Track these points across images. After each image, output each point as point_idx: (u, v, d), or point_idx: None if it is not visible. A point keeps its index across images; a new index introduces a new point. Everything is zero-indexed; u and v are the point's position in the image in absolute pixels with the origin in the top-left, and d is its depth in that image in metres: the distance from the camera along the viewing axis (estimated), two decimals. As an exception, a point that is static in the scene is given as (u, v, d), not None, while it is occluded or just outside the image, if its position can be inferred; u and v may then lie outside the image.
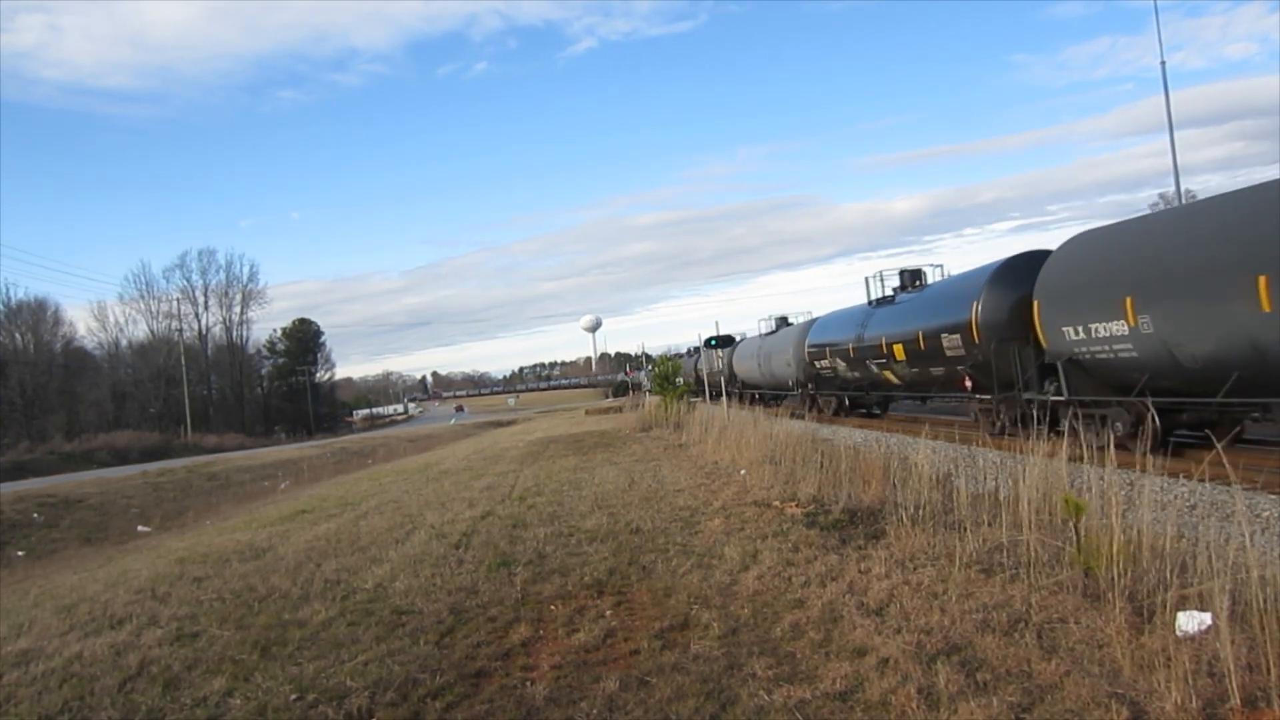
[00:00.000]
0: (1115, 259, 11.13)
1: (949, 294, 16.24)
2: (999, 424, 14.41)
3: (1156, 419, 10.48)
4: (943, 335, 15.55)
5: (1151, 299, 10.07)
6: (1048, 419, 10.02)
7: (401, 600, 6.38)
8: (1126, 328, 10.42)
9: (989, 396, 14.48)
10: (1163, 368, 10.19)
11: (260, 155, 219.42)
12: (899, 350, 17.73)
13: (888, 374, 18.95)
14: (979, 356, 14.27)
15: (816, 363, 24.31)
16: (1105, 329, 10.90)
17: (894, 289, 19.73)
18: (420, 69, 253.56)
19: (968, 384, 15.09)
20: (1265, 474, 8.33)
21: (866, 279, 21.02)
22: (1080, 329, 11.45)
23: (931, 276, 19.10)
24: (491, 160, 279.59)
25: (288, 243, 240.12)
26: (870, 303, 20.84)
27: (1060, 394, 12.13)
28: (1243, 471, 5.80)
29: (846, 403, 23.92)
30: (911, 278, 19.31)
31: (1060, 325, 11.89)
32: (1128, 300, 10.35)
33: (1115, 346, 10.84)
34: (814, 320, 26.31)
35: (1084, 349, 11.49)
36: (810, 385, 25.92)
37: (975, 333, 14.25)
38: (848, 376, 22.06)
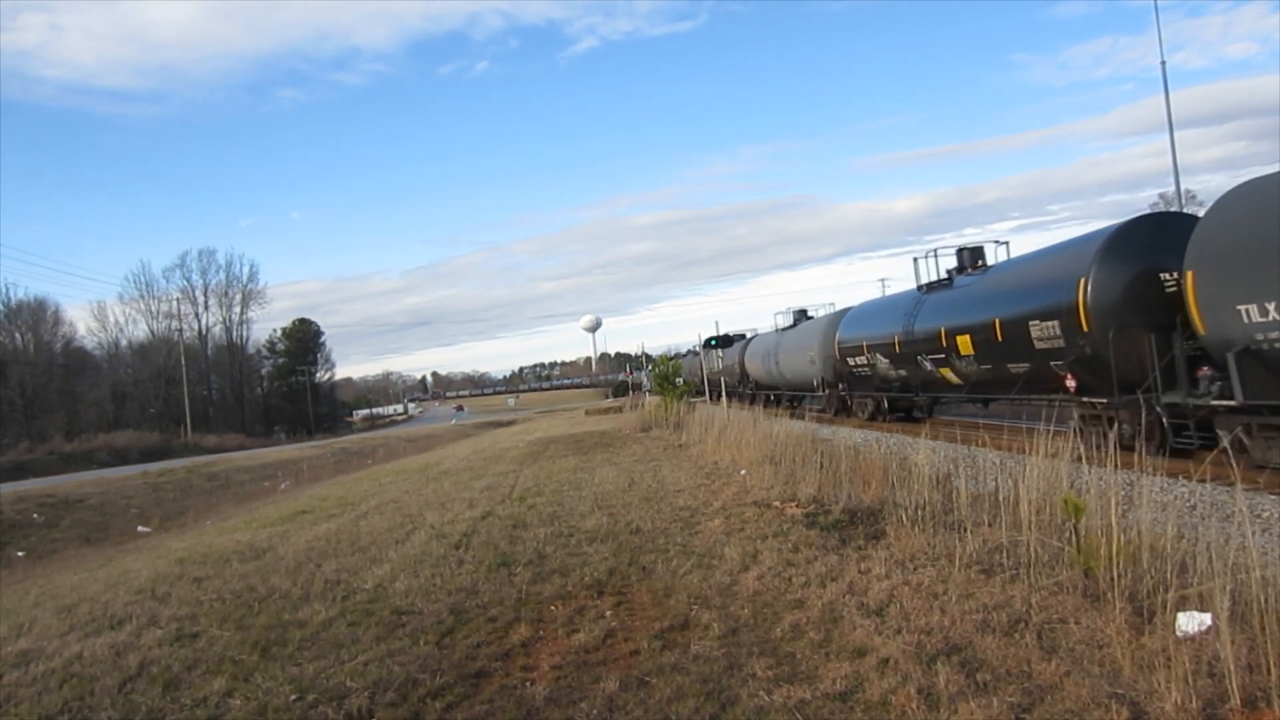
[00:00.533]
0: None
1: (1036, 272, 13.37)
2: (1119, 435, 9.99)
3: None
4: (1031, 322, 12.72)
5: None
6: (1195, 430, 8.48)
7: (401, 600, 6.38)
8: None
9: (1104, 400, 11.66)
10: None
11: (261, 155, 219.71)
12: (964, 343, 15.07)
13: (945, 371, 16.32)
14: (1086, 349, 11.54)
15: (850, 359, 21.64)
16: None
17: (949, 271, 17.28)
18: (422, 68, 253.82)
19: (1071, 383, 12.28)
20: (1268, 474, 8.33)
21: (915, 260, 18.35)
22: (1264, 308, 8.58)
23: (993, 256, 16.60)
24: (492, 160, 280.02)
25: (288, 243, 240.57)
26: (920, 288, 18.12)
27: (1228, 396, 9.28)
28: (1244, 471, 5.77)
29: (885, 405, 21.07)
30: (972, 257, 16.82)
31: (1234, 304, 8.98)
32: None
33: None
34: (845, 311, 23.75)
35: (1268, 335, 8.63)
36: (841, 385, 23.41)
37: (1083, 318, 11.39)
38: (890, 375, 19.49)
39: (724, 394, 27.36)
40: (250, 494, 27.51)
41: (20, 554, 18.48)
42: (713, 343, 29.93)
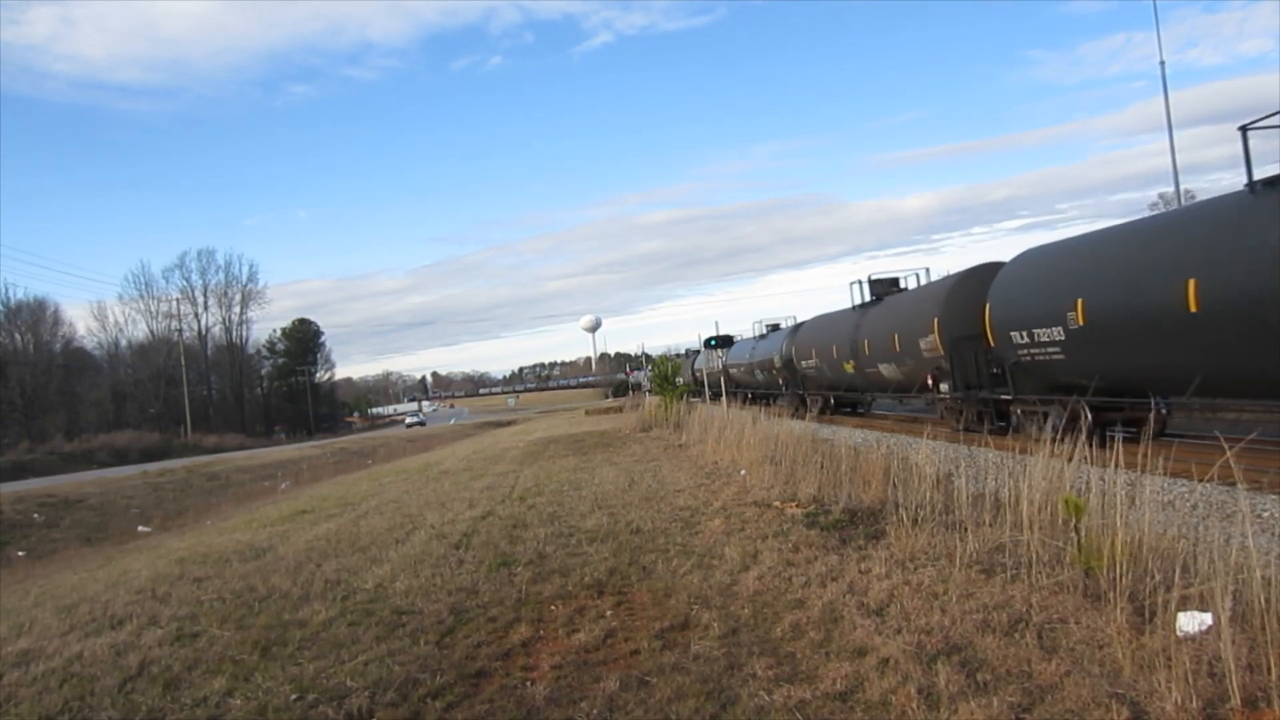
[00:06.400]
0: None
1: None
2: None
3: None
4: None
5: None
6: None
7: (402, 600, 6.38)
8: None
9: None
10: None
11: (268, 152, 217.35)
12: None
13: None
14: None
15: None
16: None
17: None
18: (434, 63, 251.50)
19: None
20: (1271, 474, 8.33)
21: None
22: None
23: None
24: (502, 157, 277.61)
25: (293, 242, 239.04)
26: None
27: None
28: (1245, 472, 5.80)
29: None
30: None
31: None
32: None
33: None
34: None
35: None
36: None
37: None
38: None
39: (724, 394, 27.50)
40: (250, 494, 27.51)
41: (20, 554, 18.48)
42: (712, 343, 29.96)
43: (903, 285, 20.80)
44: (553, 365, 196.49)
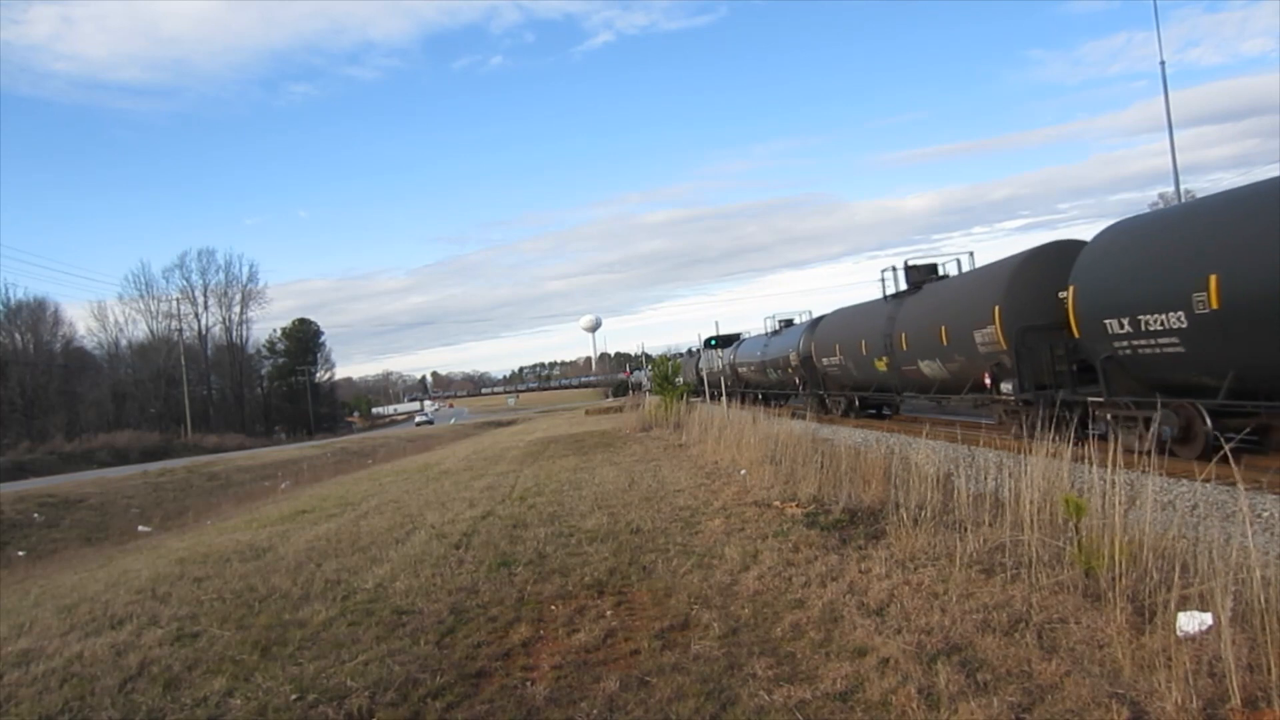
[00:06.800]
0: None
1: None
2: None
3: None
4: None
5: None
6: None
7: (402, 600, 6.38)
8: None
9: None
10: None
11: (269, 151, 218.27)
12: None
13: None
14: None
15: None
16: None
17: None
18: (435, 63, 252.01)
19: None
20: (1270, 474, 8.31)
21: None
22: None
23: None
24: (503, 157, 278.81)
25: (294, 241, 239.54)
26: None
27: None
28: (1245, 471, 5.78)
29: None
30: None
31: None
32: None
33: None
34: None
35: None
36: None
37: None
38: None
39: (724, 394, 27.41)
40: (250, 494, 27.50)
41: (20, 554, 18.48)
42: (712, 343, 29.94)
43: (941, 273, 18.23)
44: (553, 365, 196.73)
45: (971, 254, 17.90)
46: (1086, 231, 15.60)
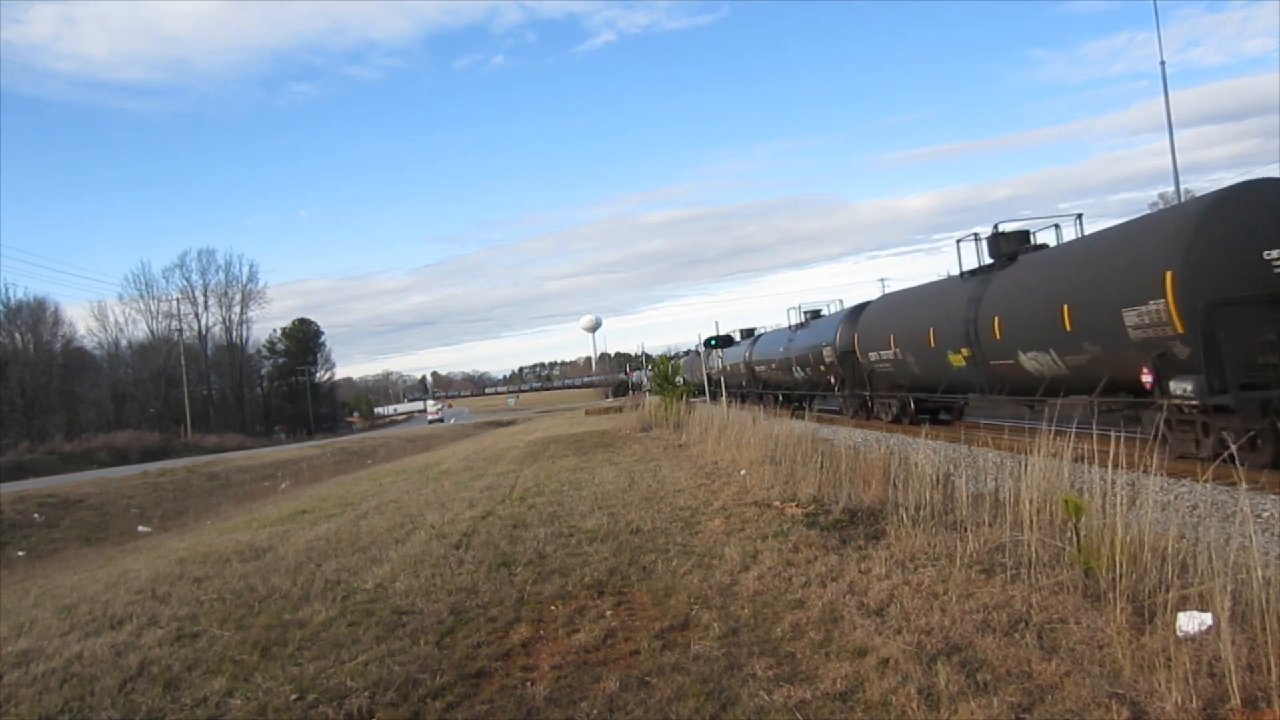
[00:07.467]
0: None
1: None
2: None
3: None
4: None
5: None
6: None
7: (402, 600, 6.38)
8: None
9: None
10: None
11: (270, 151, 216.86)
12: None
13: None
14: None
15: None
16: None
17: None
18: (436, 63, 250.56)
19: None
20: (1267, 474, 8.32)
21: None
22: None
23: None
24: (503, 157, 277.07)
25: (294, 241, 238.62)
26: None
27: None
28: (1246, 471, 5.77)
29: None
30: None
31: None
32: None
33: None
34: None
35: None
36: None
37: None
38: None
39: (724, 394, 27.37)
40: (250, 494, 27.50)
41: (20, 554, 18.48)
42: (712, 342, 29.95)
43: (1034, 242, 14.77)
44: (553, 365, 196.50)
45: (1079, 216, 14.25)
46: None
